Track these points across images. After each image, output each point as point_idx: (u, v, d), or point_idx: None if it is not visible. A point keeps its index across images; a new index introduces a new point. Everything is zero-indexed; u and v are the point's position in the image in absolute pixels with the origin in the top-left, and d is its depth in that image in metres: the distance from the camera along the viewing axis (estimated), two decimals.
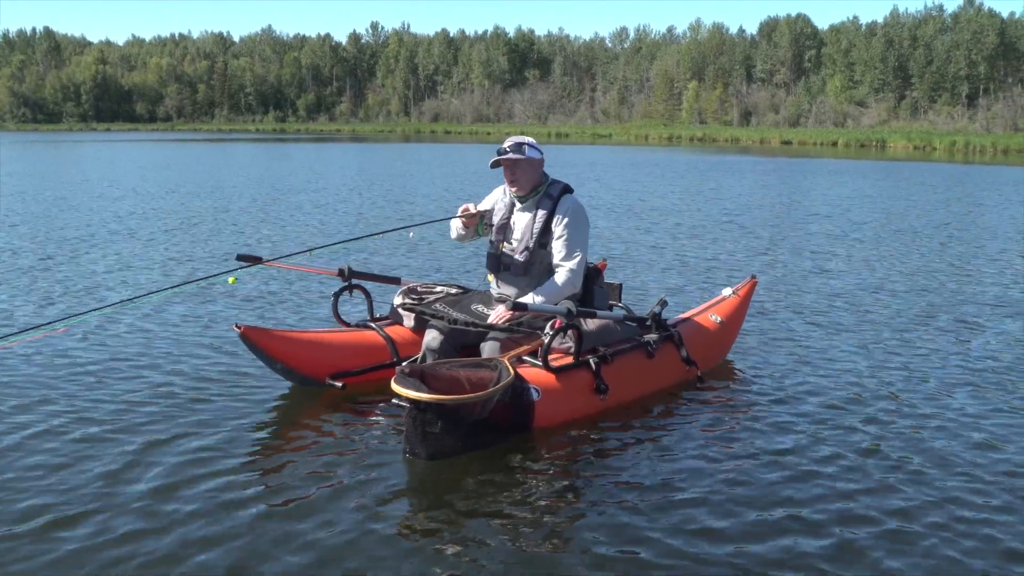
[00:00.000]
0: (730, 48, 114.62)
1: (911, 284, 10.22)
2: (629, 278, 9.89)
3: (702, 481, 4.57)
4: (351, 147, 59.33)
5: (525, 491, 4.45)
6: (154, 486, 4.38)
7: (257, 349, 5.67)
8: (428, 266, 11.11)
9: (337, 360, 5.80)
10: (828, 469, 4.75)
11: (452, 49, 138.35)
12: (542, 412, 5.06)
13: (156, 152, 48.40)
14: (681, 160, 43.66)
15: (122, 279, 9.93)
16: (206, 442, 4.95)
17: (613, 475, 4.68)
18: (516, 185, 5.62)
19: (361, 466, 4.68)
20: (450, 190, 23.49)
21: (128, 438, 5.00)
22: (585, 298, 5.75)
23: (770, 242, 13.72)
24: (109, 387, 5.93)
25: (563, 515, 4.21)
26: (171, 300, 8.56)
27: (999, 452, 5.03)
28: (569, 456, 4.91)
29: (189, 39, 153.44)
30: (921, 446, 5.10)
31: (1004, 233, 15.37)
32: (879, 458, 4.91)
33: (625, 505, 4.29)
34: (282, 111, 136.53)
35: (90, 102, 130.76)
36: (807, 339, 7.51)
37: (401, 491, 4.43)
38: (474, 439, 4.79)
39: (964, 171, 37.62)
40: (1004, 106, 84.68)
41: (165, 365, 6.47)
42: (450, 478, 4.55)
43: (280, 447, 5.04)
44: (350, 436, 5.17)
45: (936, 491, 4.49)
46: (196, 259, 11.39)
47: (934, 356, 7.06)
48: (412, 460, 4.68)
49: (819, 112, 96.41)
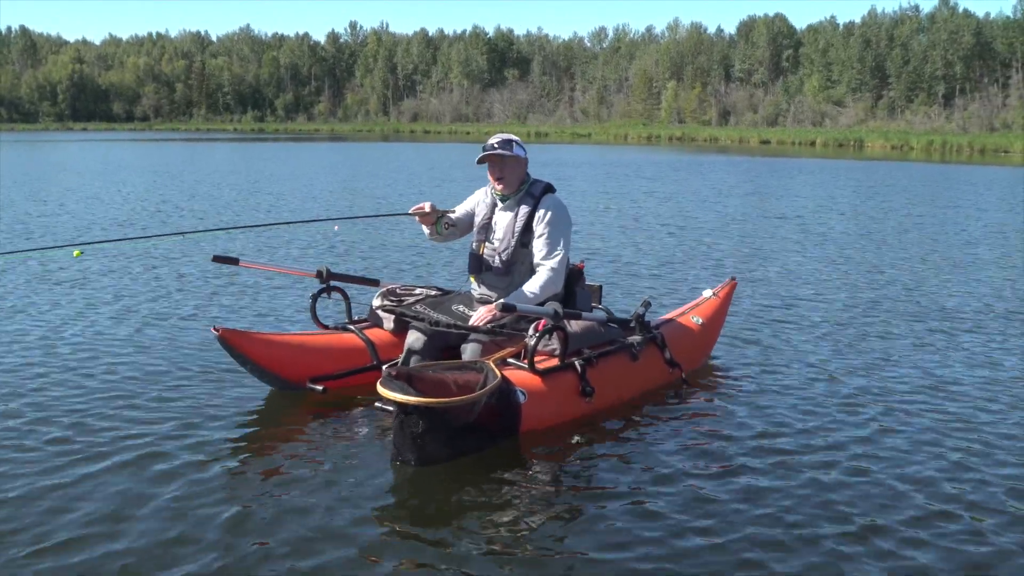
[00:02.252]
0: (708, 48, 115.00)
1: (892, 283, 10.23)
2: (608, 279, 9.84)
3: (689, 483, 4.53)
4: (328, 147, 59.13)
5: (513, 496, 4.39)
6: (125, 492, 4.30)
7: (235, 352, 5.57)
8: (409, 268, 11.02)
9: (317, 363, 5.71)
10: (813, 468, 4.72)
11: (431, 48, 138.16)
12: (529, 415, 4.99)
13: (134, 152, 48.07)
14: (660, 160, 43.73)
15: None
16: (182, 448, 4.86)
17: (600, 479, 4.63)
18: (503, 183, 5.56)
19: (344, 472, 4.60)
20: (424, 192, 23.42)
21: (102, 443, 4.90)
22: (568, 299, 5.69)
23: (750, 243, 13.72)
24: (82, 391, 5.82)
25: (552, 520, 4.15)
26: (146, 302, 8.47)
27: (981, 450, 5.02)
28: (556, 460, 4.85)
29: (167, 38, 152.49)
30: (906, 444, 5.09)
31: (983, 233, 15.45)
32: (865, 457, 4.89)
33: (613, 508, 4.23)
34: (260, 111, 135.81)
35: (67, 102, 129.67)
36: (788, 339, 7.50)
37: (386, 497, 4.36)
38: (463, 443, 4.71)
39: (941, 171, 37.87)
40: (980, 106, 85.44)
41: (140, 369, 6.36)
42: (436, 483, 4.49)
43: (260, 453, 4.95)
44: (332, 441, 5.08)
45: (924, 489, 4.48)
46: (179, 258, 11.27)
47: (917, 354, 7.07)
48: (397, 466, 4.60)
49: (797, 112, 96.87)
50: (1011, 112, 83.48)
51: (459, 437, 4.67)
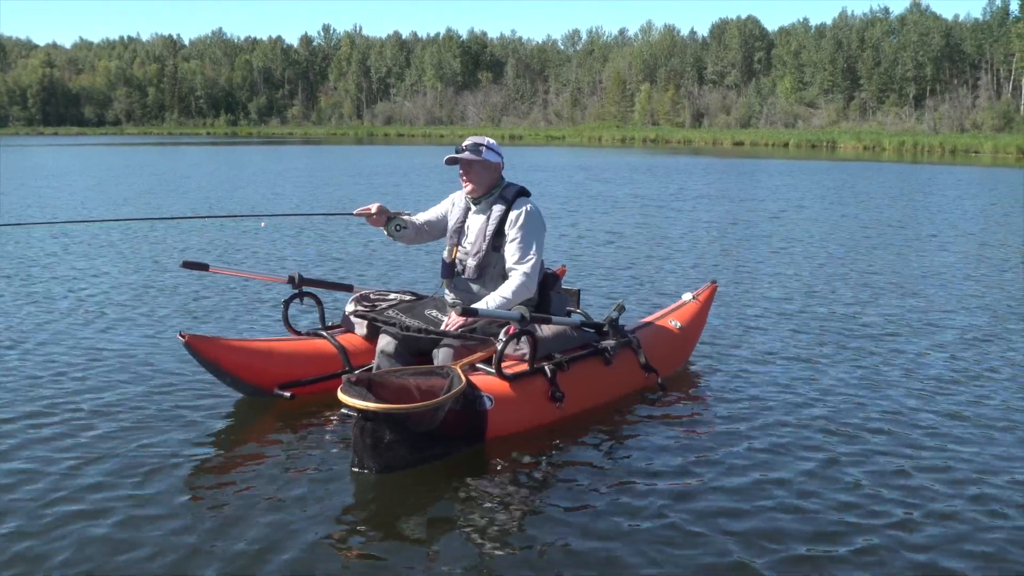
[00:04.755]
0: (681, 50, 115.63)
1: (872, 286, 10.22)
2: (589, 284, 9.78)
3: (659, 490, 4.46)
4: (302, 150, 58.92)
5: (476, 504, 4.31)
6: (88, 500, 4.21)
7: (202, 359, 5.47)
8: (384, 272, 10.92)
9: (287, 369, 5.62)
10: (790, 475, 4.67)
11: (404, 51, 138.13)
12: (495, 421, 4.90)
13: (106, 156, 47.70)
14: (635, 162, 43.78)
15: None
16: (143, 456, 4.76)
17: (567, 487, 4.55)
18: (470, 186, 5.49)
19: (307, 480, 4.51)
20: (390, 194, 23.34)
21: (64, 449, 4.81)
22: (541, 304, 5.62)
23: (730, 245, 13.68)
24: (46, 398, 5.69)
25: (516, 528, 4.07)
26: (112, 308, 8.34)
27: (960, 451, 5.00)
28: (523, 467, 4.77)
29: (138, 41, 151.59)
30: (883, 448, 5.05)
31: (959, 232, 15.53)
32: (843, 464, 4.84)
33: (580, 518, 4.16)
34: (233, 114, 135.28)
35: (37, 106, 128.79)
36: (769, 344, 7.42)
37: (348, 505, 4.28)
38: (425, 450, 4.62)
39: (912, 171, 38.14)
40: (950, 107, 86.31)
41: (105, 375, 6.23)
42: (399, 491, 4.41)
43: (224, 460, 4.85)
44: (297, 448, 4.99)
45: (900, 492, 4.45)
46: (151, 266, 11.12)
47: (897, 358, 7.01)
48: (360, 473, 4.52)
49: (770, 113, 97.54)
50: (981, 113, 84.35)
51: (421, 444, 4.58)
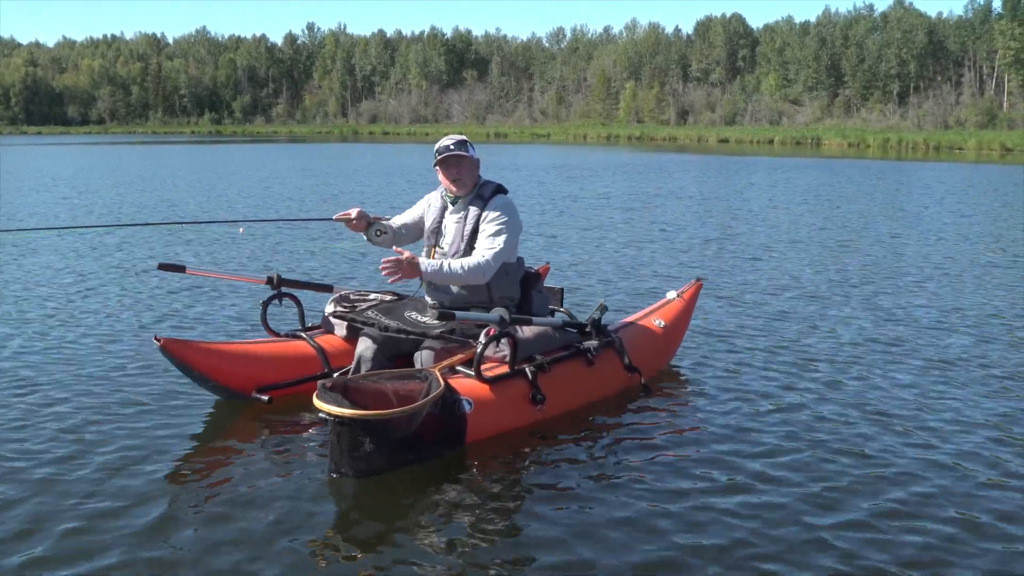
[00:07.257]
0: (666, 47, 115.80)
1: (858, 283, 10.19)
2: (573, 282, 9.72)
3: (642, 492, 4.40)
4: (287, 148, 58.72)
5: (455, 508, 4.25)
6: (61, 506, 4.14)
7: (179, 362, 5.38)
8: (370, 272, 10.84)
9: (265, 372, 5.53)
10: (776, 475, 4.62)
11: (389, 50, 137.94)
12: (475, 425, 4.83)
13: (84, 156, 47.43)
14: (620, 160, 43.79)
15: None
16: (120, 460, 4.69)
17: (549, 490, 4.48)
18: (458, 184, 5.41)
19: (284, 484, 4.44)
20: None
21: (41, 453, 4.73)
22: (523, 304, 5.55)
23: (715, 243, 13.62)
24: (20, 404, 5.59)
25: (494, 532, 4.01)
26: (86, 312, 8.26)
27: (949, 445, 4.98)
28: (504, 470, 4.70)
29: (122, 40, 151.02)
30: (875, 447, 5.01)
31: (944, 230, 15.55)
32: (829, 462, 4.80)
33: (560, 520, 4.10)
34: (218, 113, 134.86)
35: (20, 105, 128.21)
36: (754, 343, 7.35)
37: (326, 511, 4.20)
38: (403, 455, 4.53)
39: (897, 167, 38.23)
40: (934, 104, 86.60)
41: (80, 379, 6.14)
42: (377, 496, 4.34)
43: (200, 465, 4.76)
44: (275, 453, 4.91)
45: (886, 485, 4.44)
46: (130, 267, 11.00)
47: (887, 356, 6.97)
48: (338, 479, 4.44)
49: (755, 110, 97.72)
50: (964, 110, 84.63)
51: (399, 449, 4.50)
